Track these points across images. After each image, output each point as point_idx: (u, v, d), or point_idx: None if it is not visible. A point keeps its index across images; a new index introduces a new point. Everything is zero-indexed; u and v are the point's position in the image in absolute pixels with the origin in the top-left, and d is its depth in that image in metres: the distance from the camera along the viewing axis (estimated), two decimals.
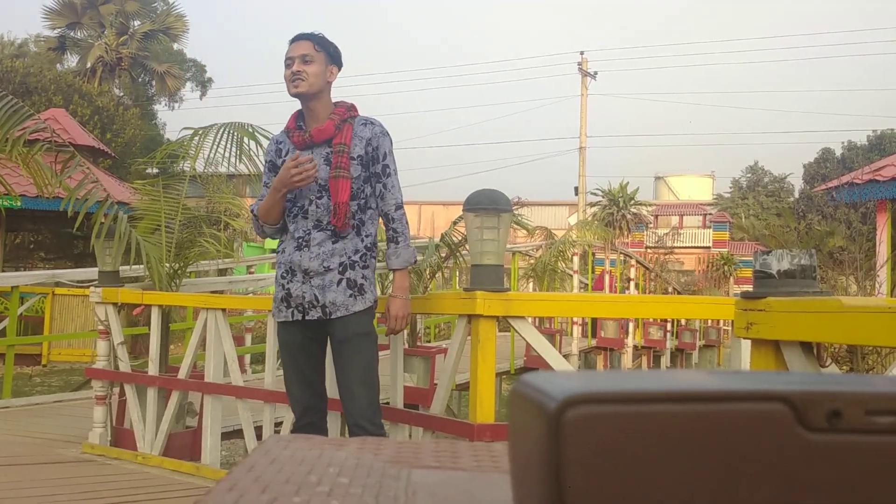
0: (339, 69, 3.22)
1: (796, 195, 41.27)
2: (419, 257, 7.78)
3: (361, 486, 0.54)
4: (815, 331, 1.75)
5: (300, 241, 3.10)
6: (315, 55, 3.12)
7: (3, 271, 12.86)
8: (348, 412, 3.10)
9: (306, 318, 3.08)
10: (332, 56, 3.18)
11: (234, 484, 0.53)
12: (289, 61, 3.13)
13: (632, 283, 14.98)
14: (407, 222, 3.17)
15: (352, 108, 3.20)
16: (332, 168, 3.06)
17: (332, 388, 3.37)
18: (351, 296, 3.05)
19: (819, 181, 32.55)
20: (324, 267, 3.05)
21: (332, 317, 3.04)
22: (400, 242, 3.12)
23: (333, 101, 3.22)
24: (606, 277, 15.33)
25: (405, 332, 4.52)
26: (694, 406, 0.36)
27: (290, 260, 3.11)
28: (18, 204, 10.88)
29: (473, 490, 0.57)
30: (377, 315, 3.30)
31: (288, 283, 3.11)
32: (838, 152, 40.49)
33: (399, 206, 3.14)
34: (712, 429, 0.36)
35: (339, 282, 3.04)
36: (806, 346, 1.83)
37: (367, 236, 3.12)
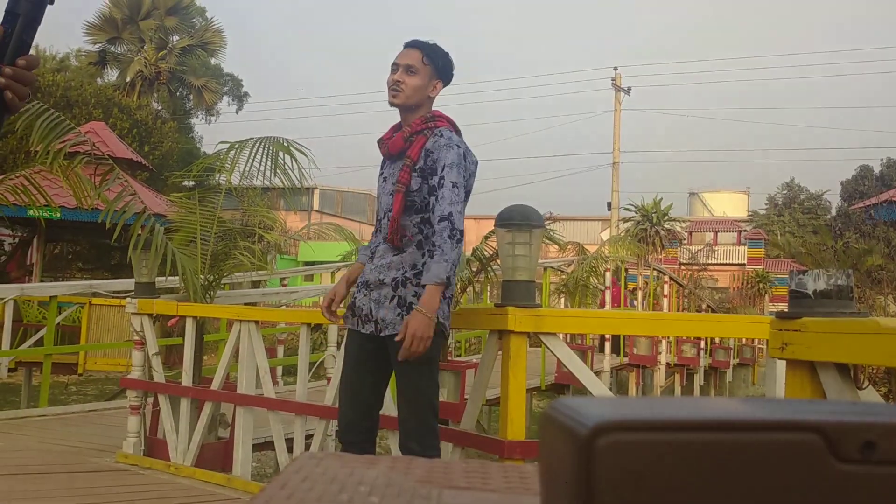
0: (446, 84, 3.12)
1: (833, 212, 40.72)
2: None
3: None
4: (852, 352, 1.73)
5: (372, 252, 3.12)
6: (421, 68, 3.02)
7: (42, 281, 13.09)
8: (400, 431, 3.07)
9: (361, 330, 3.03)
10: (440, 70, 3.07)
11: (266, 501, 0.54)
12: (394, 67, 3.04)
13: (665, 301, 14.85)
14: (450, 237, 2.89)
15: (433, 119, 3.06)
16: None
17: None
18: (399, 315, 2.94)
19: (857, 198, 32.10)
20: (379, 280, 3.00)
21: (382, 334, 2.97)
22: (435, 256, 2.91)
23: (431, 111, 3.11)
24: (640, 294, 15.20)
25: None
26: (726, 435, 0.36)
27: (364, 271, 3.13)
28: (58, 215, 11.08)
29: None
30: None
31: (357, 292, 3.10)
32: (877, 169, 39.91)
33: (443, 219, 2.90)
34: (743, 458, 0.36)
35: (392, 298, 2.96)
36: (842, 368, 1.81)
37: (429, 251, 2.99)
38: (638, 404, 0.39)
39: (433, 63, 3.05)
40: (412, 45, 3.07)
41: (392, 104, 3.04)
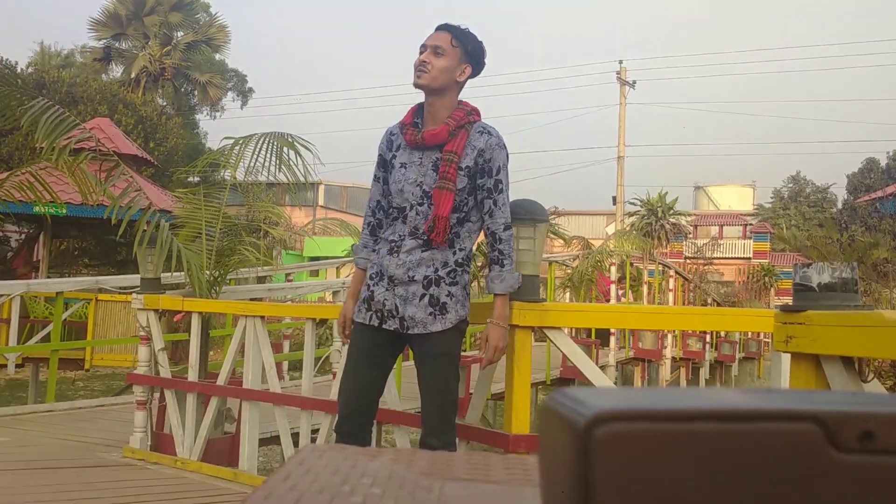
0: (477, 70, 3.02)
1: (839, 206, 40.63)
2: None
3: (394, 498, 0.54)
4: (857, 345, 1.73)
5: (393, 245, 2.98)
6: (449, 50, 2.93)
7: (48, 277, 13.12)
8: (423, 428, 3.04)
9: (383, 325, 2.96)
10: (470, 54, 2.97)
11: (269, 493, 0.54)
12: (422, 48, 2.97)
13: (670, 295, 14.83)
14: (512, 245, 2.97)
15: (472, 112, 3.00)
16: (438, 178, 2.91)
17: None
18: (431, 314, 2.89)
19: (863, 191, 32.01)
20: (408, 276, 2.92)
21: (409, 332, 2.92)
22: (505, 265, 2.91)
23: (459, 101, 3.03)
24: (645, 289, 15.19)
25: None
26: (724, 425, 0.36)
27: (380, 262, 3.00)
28: (64, 211, 11.12)
29: (505, 503, 0.57)
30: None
31: (374, 285, 2.99)
32: (883, 162, 39.78)
33: (508, 227, 2.93)
34: (742, 448, 0.36)
35: (422, 297, 2.90)
36: (847, 361, 1.80)
37: (460, 250, 2.95)
38: (637, 395, 0.39)
39: (462, 46, 2.96)
40: (442, 27, 3.00)
41: (416, 85, 2.95)
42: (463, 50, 2.97)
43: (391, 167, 3.05)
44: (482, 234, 3.05)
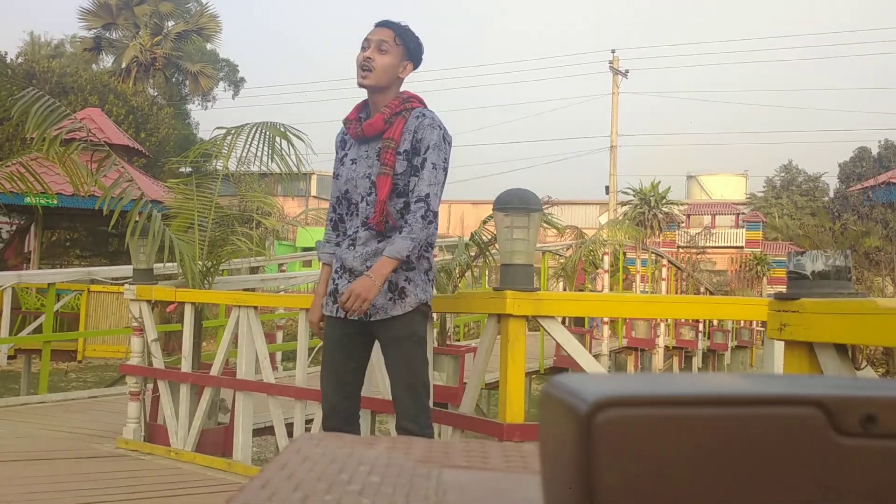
0: (416, 67, 3.07)
1: (831, 195, 40.72)
2: (447, 256, 7.81)
3: (392, 486, 0.54)
4: (850, 332, 1.73)
5: (350, 238, 3.06)
6: (392, 47, 2.97)
7: (40, 268, 13.07)
8: (396, 414, 3.07)
9: (349, 317, 2.98)
10: (411, 52, 3.03)
11: (266, 481, 0.54)
12: (365, 43, 2.99)
13: (663, 284, 14.87)
14: (423, 217, 2.91)
15: (409, 100, 3.03)
16: (379, 164, 2.97)
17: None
18: (391, 299, 2.94)
19: (855, 180, 32.10)
20: (366, 267, 2.96)
21: (373, 319, 2.97)
22: (403, 232, 2.91)
23: (404, 91, 3.07)
24: (644, 278, 15.21)
25: (435, 330, 4.52)
26: (726, 410, 0.36)
27: (342, 257, 3.07)
28: (55, 202, 11.07)
29: (503, 490, 0.57)
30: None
31: (338, 279, 3.06)
32: (875, 151, 39.87)
33: (420, 199, 2.92)
34: (744, 433, 0.36)
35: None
36: (840, 349, 1.81)
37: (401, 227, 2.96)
38: (637, 381, 0.39)
39: (405, 44, 3.01)
40: (384, 24, 3.03)
41: (361, 85, 3.00)
42: (405, 48, 3.02)
43: (342, 164, 3.12)
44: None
